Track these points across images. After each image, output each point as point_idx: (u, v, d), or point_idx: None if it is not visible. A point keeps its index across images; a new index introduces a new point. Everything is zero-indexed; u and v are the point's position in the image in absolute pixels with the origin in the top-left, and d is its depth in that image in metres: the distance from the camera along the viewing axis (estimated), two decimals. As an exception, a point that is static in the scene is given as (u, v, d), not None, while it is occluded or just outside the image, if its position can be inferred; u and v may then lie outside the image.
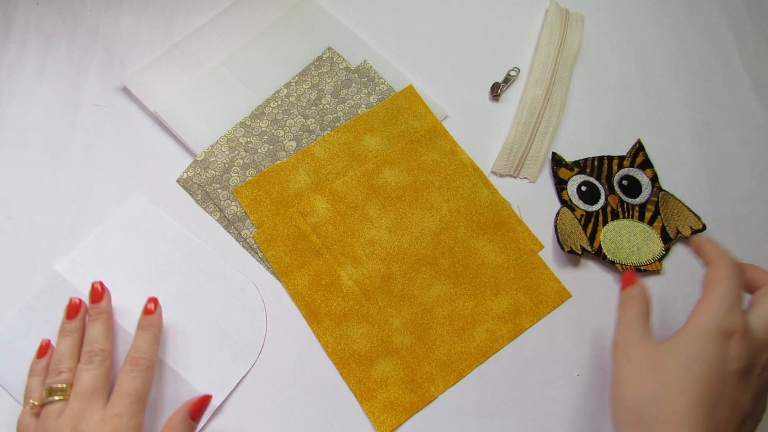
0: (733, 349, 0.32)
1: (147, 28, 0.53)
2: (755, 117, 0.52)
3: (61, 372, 0.38)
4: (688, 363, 0.32)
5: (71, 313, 0.41)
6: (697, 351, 0.32)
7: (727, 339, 0.32)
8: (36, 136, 0.49)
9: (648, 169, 0.49)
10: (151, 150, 0.49)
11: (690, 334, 0.33)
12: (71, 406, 0.36)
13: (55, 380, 0.38)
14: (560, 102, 0.52)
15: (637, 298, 0.37)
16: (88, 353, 0.38)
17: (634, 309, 0.36)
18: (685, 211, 0.48)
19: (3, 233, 0.46)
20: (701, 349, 0.32)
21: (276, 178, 0.48)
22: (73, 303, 0.41)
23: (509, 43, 0.54)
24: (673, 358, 0.32)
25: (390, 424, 0.41)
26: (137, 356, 0.38)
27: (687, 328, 0.33)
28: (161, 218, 0.47)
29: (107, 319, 0.41)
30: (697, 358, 0.32)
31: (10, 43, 0.53)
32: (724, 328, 0.32)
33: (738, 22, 0.56)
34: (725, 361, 0.32)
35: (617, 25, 0.55)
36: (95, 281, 0.42)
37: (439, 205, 0.48)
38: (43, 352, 0.40)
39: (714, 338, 0.32)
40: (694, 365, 0.32)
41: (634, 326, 0.35)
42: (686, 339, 0.33)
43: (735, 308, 0.33)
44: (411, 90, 0.51)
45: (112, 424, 0.35)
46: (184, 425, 0.37)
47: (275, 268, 0.45)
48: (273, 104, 0.50)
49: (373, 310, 0.44)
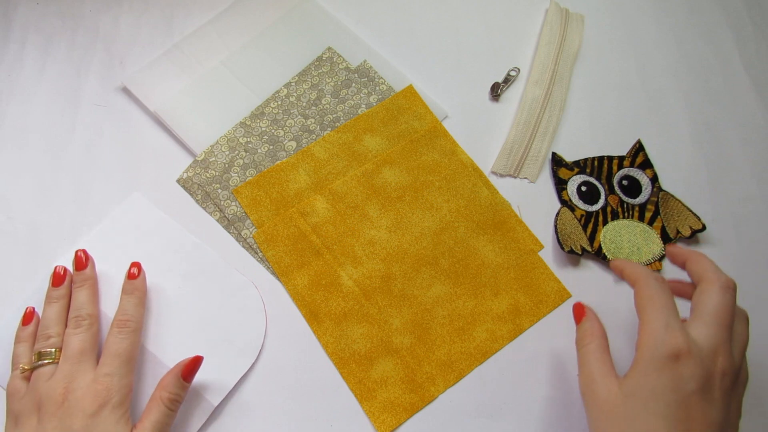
0: (684, 369, 0.31)
1: (147, 28, 0.53)
2: (755, 117, 0.52)
3: (50, 337, 0.39)
4: (646, 401, 0.31)
5: (57, 280, 0.42)
6: (651, 385, 0.31)
7: (676, 361, 0.31)
8: (36, 136, 0.49)
9: (648, 169, 0.49)
10: (151, 150, 0.49)
11: (640, 369, 0.32)
12: (62, 368, 0.37)
13: (44, 345, 0.39)
14: (560, 102, 0.52)
15: (591, 333, 0.36)
16: (75, 318, 0.40)
17: (590, 347, 0.35)
18: (685, 212, 0.48)
19: (3, 233, 0.46)
20: (653, 382, 0.31)
21: (276, 178, 0.48)
22: (57, 271, 0.42)
23: (509, 43, 0.54)
24: (632, 399, 0.31)
25: (390, 424, 0.41)
26: (124, 319, 0.40)
27: (636, 364, 0.32)
28: (161, 218, 0.47)
29: (92, 285, 0.42)
30: (652, 393, 0.31)
31: (10, 43, 0.53)
32: (668, 354, 0.31)
33: (738, 22, 0.56)
34: (681, 385, 0.31)
35: (617, 25, 0.55)
36: (78, 249, 0.43)
37: (439, 205, 0.48)
38: (29, 319, 0.41)
39: (662, 367, 0.31)
40: (652, 402, 0.31)
41: (594, 368, 0.34)
42: (638, 375, 0.32)
43: (672, 327, 0.32)
44: (411, 90, 0.51)
45: (103, 383, 0.36)
46: (176, 385, 0.38)
47: (275, 268, 0.45)
48: (273, 104, 0.50)
49: (373, 310, 0.44)
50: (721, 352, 0.32)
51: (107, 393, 0.36)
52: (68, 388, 0.36)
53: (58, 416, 0.36)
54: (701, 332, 0.32)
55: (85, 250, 0.43)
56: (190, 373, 0.39)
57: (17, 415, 0.37)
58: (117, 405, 0.37)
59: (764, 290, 0.46)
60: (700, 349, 0.31)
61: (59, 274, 0.42)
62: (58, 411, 0.36)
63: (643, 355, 0.32)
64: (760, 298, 0.46)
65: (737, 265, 0.47)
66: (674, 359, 0.31)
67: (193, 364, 0.39)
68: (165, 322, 0.44)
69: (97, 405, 0.36)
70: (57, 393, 0.36)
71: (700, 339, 0.32)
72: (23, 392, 0.38)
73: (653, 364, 0.31)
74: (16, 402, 0.38)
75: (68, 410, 0.36)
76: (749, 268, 0.47)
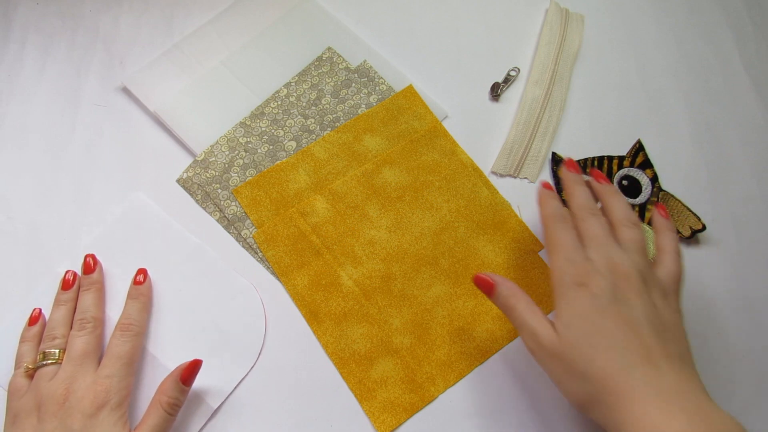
0: (593, 289, 0.34)
1: (147, 28, 0.53)
2: (755, 117, 0.52)
3: (55, 338, 0.40)
4: (577, 327, 0.34)
5: (66, 285, 0.43)
6: (575, 313, 0.34)
7: (584, 285, 0.34)
8: (36, 136, 0.49)
9: (648, 170, 0.49)
10: (151, 150, 0.49)
11: (561, 304, 0.35)
12: (64, 369, 0.38)
13: (49, 345, 0.40)
14: (560, 102, 0.52)
15: (513, 295, 0.37)
16: (80, 321, 0.40)
17: (520, 306, 0.37)
18: (685, 212, 0.48)
19: (3, 233, 0.46)
20: (575, 310, 0.34)
21: (276, 178, 0.48)
22: (67, 275, 0.43)
23: (509, 43, 0.54)
24: (567, 331, 0.34)
25: (390, 424, 0.41)
26: (127, 323, 0.40)
27: (557, 300, 0.36)
28: (162, 218, 0.47)
29: (99, 290, 0.43)
30: (579, 318, 0.34)
31: (10, 43, 0.53)
32: (575, 282, 0.35)
33: (738, 22, 0.56)
34: (596, 302, 0.34)
35: (617, 25, 0.55)
36: (87, 254, 0.44)
37: (439, 205, 0.48)
38: (35, 320, 0.42)
39: (576, 295, 0.34)
40: (582, 325, 0.34)
41: (533, 323, 0.36)
42: (562, 310, 0.35)
43: (572, 260, 0.36)
44: (411, 90, 0.51)
45: (103, 385, 0.37)
46: (175, 389, 0.38)
47: (275, 268, 0.45)
48: (273, 104, 0.50)
49: (373, 310, 0.44)
50: (617, 261, 0.35)
51: (106, 394, 0.37)
52: (69, 389, 0.37)
53: (58, 416, 0.36)
54: (595, 254, 0.36)
55: (94, 255, 0.44)
56: (189, 378, 0.39)
57: (16, 413, 0.37)
58: (115, 407, 0.37)
59: (764, 290, 0.46)
60: (598, 268, 0.35)
61: (69, 279, 0.43)
62: (59, 411, 0.36)
63: (558, 291, 0.36)
64: (760, 298, 0.46)
65: (737, 265, 0.47)
66: (582, 284, 0.34)
67: (191, 368, 0.39)
68: (165, 324, 0.44)
69: (96, 406, 0.36)
70: (58, 393, 0.36)
71: (596, 259, 0.35)
72: (24, 391, 0.38)
73: (569, 295, 0.35)
74: (17, 400, 0.38)
75: (68, 411, 0.36)
76: (749, 268, 0.47)
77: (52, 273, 0.45)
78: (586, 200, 0.39)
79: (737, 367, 0.44)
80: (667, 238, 0.39)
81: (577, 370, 0.33)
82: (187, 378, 0.39)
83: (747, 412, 0.32)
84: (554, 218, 0.38)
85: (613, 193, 0.40)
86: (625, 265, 0.35)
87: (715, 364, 0.43)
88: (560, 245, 0.37)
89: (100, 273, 0.44)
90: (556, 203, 0.39)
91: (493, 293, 0.38)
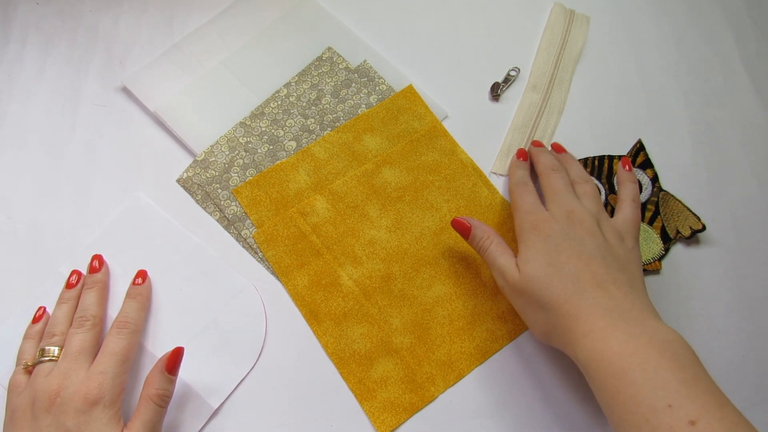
0: (548, 231, 0.39)
1: (147, 28, 0.53)
2: (755, 117, 0.52)
3: (54, 335, 0.40)
4: (537, 262, 0.38)
5: (70, 283, 0.43)
6: (534, 251, 0.39)
7: (540, 228, 0.39)
8: (36, 136, 0.49)
9: (648, 169, 0.49)
10: (151, 150, 0.49)
11: (522, 247, 0.40)
12: (60, 366, 0.38)
13: (48, 342, 0.40)
14: (559, 105, 0.52)
15: (487, 236, 0.42)
16: (79, 318, 0.41)
17: (493, 247, 0.41)
18: (685, 212, 0.48)
19: (3, 233, 0.46)
20: (535, 247, 0.39)
21: (276, 178, 0.48)
22: (72, 274, 0.44)
23: (509, 43, 0.54)
24: (528, 266, 0.38)
25: (390, 424, 0.41)
26: (124, 320, 0.41)
27: (519, 244, 0.40)
28: (162, 218, 0.47)
29: (101, 289, 0.43)
30: (538, 254, 0.38)
31: (10, 43, 0.53)
32: (533, 226, 0.40)
33: (738, 22, 0.56)
34: (551, 240, 0.38)
35: (618, 26, 0.55)
36: (94, 255, 0.44)
37: (439, 205, 0.48)
38: (39, 318, 0.43)
39: (534, 237, 0.39)
40: (540, 260, 0.38)
41: (503, 261, 0.40)
42: (524, 251, 0.39)
43: (530, 210, 0.41)
44: (411, 90, 0.51)
45: (95, 381, 0.37)
46: (162, 380, 0.38)
47: (275, 268, 0.45)
48: (273, 104, 0.50)
49: (373, 310, 0.44)
50: (572, 208, 0.40)
51: (99, 390, 0.36)
52: (62, 385, 0.37)
53: (52, 413, 0.36)
54: (554, 206, 0.41)
55: (101, 256, 0.45)
56: (174, 366, 0.39)
57: (13, 409, 0.37)
58: (109, 404, 0.37)
59: (764, 290, 0.46)
60: (555, 215, 0.40)
61: (73, 277, 0.43)
62: (51, 407, 0.36)
63: (520, 237, 0.40)
64: (760, 298, 0.46)
65: (737, 265, 0.47)
66: (539, 229, 0.39)
67: (174, 356, 0.39)
68: (165, 323, 0.44)
69: (89, 403, 0.36)
70: (51, 390, 0.36)
71: (554, 210, 0.41)
72: (22, 388, 0.38)
73: (528, 238, 0.40)
74: (15, 397, 0.38)
75: (61, 407, 0.36)
76: (749, 268, 0.47)
77: (53, 273, 0.45)
78: (550, 161, 0.45)
79: (737, 368, 0.44)
80: (627, 188, 0.44)
81: (536, 300, 0.37)
82: (172, 367, 0.38)
83: (747, 412, 0.32)
84: (518, 184, 0.44)
85: (571, 159, 0.47)
86: (579, 210, 0.40)
87: (715, 364, 0.43)
88: (521, 204, 0.42)
89: (105, 273, 0.44)
90: (523, 172, 0.46)
91: (469, 235, 0.42)
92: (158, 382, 0.38)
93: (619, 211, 0.43)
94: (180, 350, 0.39)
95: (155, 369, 0.38)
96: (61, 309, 0.42)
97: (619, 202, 0.44)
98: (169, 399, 0.38)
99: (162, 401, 0.38)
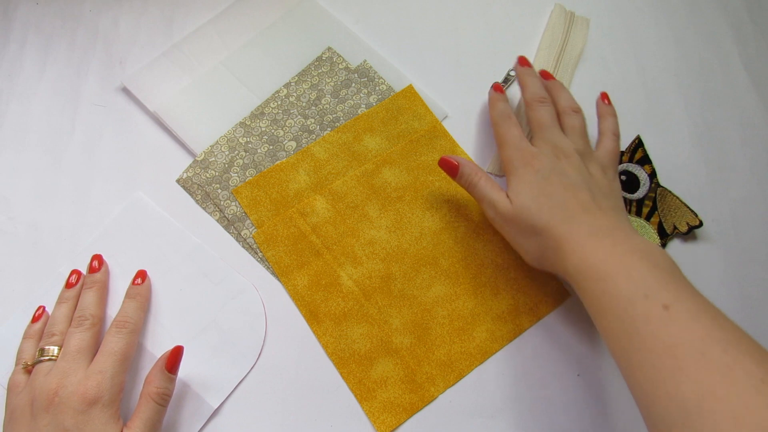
0: (537, 165, 0.41)
1: (147, 28, 0.53)
2: (755, 117, 0.52)
3: (54, 335, 0.40)
4: (526, 194, 0.40)
5: (70, 283, 0.43)
6: (525, 184, 0.41)
7: (530, 163, 0.41)
8: (36, 136, 0.49)
9: (646, 165, 0.49)
10: (151, 150, 0.49)
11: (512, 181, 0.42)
12: (58, 365, 0.38)
13: (48, 342, 0.40)
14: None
15: (475, 172, 0.43)
16: (78, 318, 0.41)
17: (482, 182, 0.43)
18: (683, 208, 0.48)
19: (3, 233, 0.46)
20: (525, 180, 0.41)
21: (276, 178, 0.48)
22: (72, 274, 0.44)
23: (509, 43, 0.54)
24: (519, 198, 0.40)
25: (390, 424, 0.41)
26: (123, 320, 0.41)
27: (509, 178, 0.42)
28: (162, 218, 0.47)
29: (101, 289, 0.43)
30: (528, 186, 0.41)
31: (10, 43, 0.53)
32: (523, 162, 0.42)
33: (738, 22, 0.56)
34: (540, 173, 0.40)
35: (618, 26, 0.55)
36: (93, 255, 0.44)
37: (439, 205, 0.48)
38: (38, 318, 0.43)
39: (525, 172, 0.41)
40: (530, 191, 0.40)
41: (493, 195, 0.42)
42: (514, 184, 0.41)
43: (519, 147, 0.43)
44: (411, 90, 0.51)
45: (94, 380, 0.37)
46: (162, 379, 0.38)
47: (275, 269, 0.45)
48: (273, 104, 0.50)
49: (373, 310, 0.44)
50: (559, 144, 0.42)
51: (97, 390, 0.36)
52: (60, 384, 0.37)
53: (50, 412, 0.36)
54: (541, 142, 0.43)
55: (100, 256, 0.45)
56: (174, 365, 0.39)
57: (13, 409, 0.37)
58: (107, 403, 0.37)
59: (763, 288, 0.46)
60: (542, 151, 0.42)
61: (72, 277, 0.43)
62: (50, 407, 0.36)
63: (510, 171, 0.42)
64: (758, 297, 0.46)
65: (734, 262, 0.47)
66: (528, 164, 0.41)
67: (175, 355, 0.39)
68: (165, 323, 0.44)
69: (87, 402, 0.36)
70: (50, 389, 0.36)
71: (541, 145, 0.43)
72: (21, 387, 0.38)
73: (518, 173, 0.42)
74: (15, 396, 0.38)
75: (59, 406, 0.36)
76: (749, 268, 0.47)
77: (53, 273, 0.45)
78: (537, 89, 0.46)
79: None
80: (607, 122, 0.46)
81: (528, 227, 0.40)
82: (172, 366, 0.39)
83: None
84: (501, 117, 0.45)
85: (560, 87, 0.47)
86: (565, 146, 0.42)
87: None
88: (508, 138, 0.44)
89: (105, 273, 0.44)
90: (504, 104, 0.46)
91: (457, 173, 0.44)
92: (158, 381, 0.38)
93: (600, 144, 0.45)
94: (180, 349, 0.39)
95: (155, 368, 0.39)
96: (61, 309, 0.42)
97: (600, 135, 0.46)
98: (169, 398, 0.38)
99: (162, 400, 0.38)
